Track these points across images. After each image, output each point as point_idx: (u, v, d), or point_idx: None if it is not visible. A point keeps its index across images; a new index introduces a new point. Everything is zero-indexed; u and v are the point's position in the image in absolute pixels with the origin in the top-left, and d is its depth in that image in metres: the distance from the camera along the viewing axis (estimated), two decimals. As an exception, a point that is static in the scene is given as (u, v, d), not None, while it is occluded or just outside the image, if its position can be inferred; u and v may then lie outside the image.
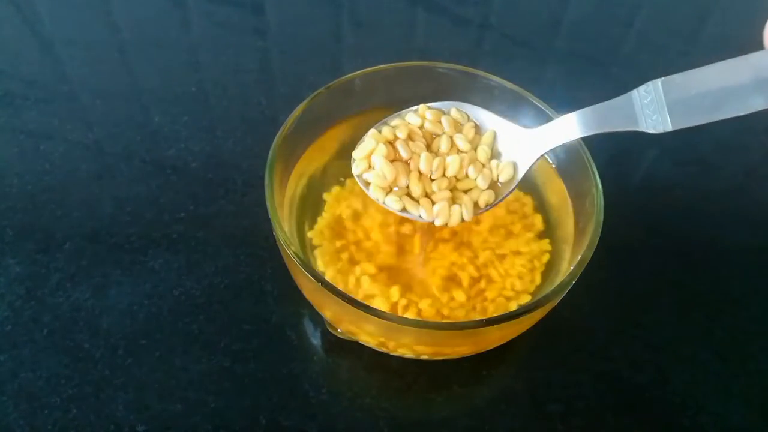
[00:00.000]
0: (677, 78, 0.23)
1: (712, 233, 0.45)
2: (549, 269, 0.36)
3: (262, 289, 0.40)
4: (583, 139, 0.35)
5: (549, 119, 0.37)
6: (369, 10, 0.62)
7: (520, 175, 0.32)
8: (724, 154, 0.50)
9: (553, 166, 0.38)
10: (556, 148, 0.32)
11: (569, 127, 0.30)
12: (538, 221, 0.38)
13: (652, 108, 0.24)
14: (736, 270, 0.43)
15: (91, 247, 0.41)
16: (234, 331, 0.38)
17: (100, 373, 0.36)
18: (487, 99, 0.39)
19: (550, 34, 0.60)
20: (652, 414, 0.37)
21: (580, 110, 0.29)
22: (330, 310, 0.33)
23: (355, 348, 0.37)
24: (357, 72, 0.37)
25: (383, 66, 0.38)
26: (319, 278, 0.30)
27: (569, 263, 0.34)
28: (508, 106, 0.39)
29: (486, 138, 0.33)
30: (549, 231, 0.37)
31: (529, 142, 0.32)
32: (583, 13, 0.63)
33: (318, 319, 0.39)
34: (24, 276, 0.40)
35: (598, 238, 0.32)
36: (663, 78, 0.23)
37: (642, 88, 0.25)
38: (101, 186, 0.45)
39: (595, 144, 0.35)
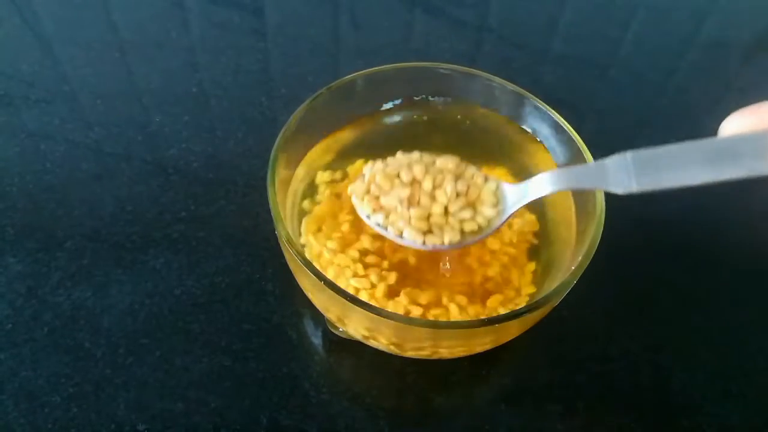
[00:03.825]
0: (647, 152, 0.26)
1: (711, 234, 0.45)
2: (549, 269, 0.36)
3: (262, 289, 0.40)
4: (582, 139, 0.35)
5: (550, 120, 0.37)
6: (368, 11, 0.62)
7: (497, 224, 0.33)
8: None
9: (554, 166, 0.38)
10: (556, 147, 0.32)
11: (545, 185, 0.31)
12: (532, 219, 0.38)
13: (622, 175, 0.26)
14: (735, 270, 0.43)
15: (92, 246, 0.41)
16: (235, 331, 0.38)
17: (101, 372, 0.36)
18: (488, 100, 0.39)
19: (547, 37, 0.61)
20: (652, 414, 0.37)
21: (556, 170, 0.31)
22: (331, 308, 0.33)
23: (355, 348, 0.37)
24: (358, 72, 0.37)
25: (385, 66, 0.38)
26: (321, 277, 0.30)
27: (570, 263, 0.34)
28: (509, 107, 0.39)
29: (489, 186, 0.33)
30: (548, 230, 0.38)
31: (511, 195, 0.32)
32: (580, 15, 0.63)
33: (319, 319, 0.39)
34: (25, 275, 0.40)
35: (599, 239, 0.32)
36: (633, 151, 0.26)
37: (613, 158, 0.27)
38: (102, 186, 0.45)
39: (593, 145, 0.35)
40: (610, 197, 0.33)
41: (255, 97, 0.52)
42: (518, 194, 0.32)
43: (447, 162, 0.33)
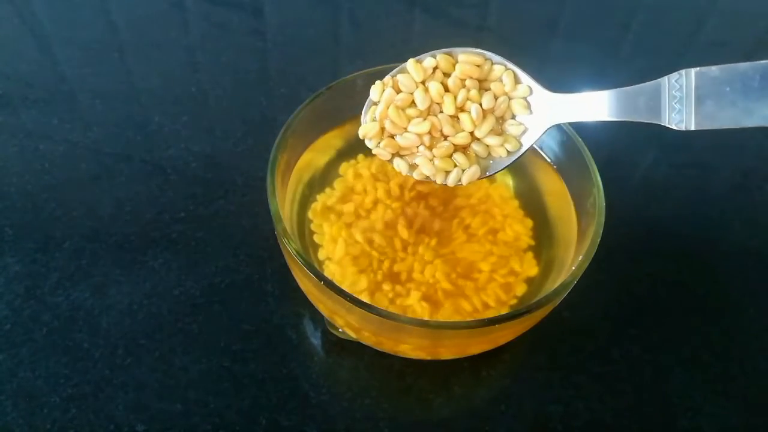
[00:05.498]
0: (713, 71, 0.20)
1: (710, 234, 0.45)
2: (550, 269, 0.36)
3: (262, 289, 0.40)
4: (583, 140, 0.35)
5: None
6: (367, 11, 0.62)
7: (527, 145, 0.31)
8: (721, 156, 0.50)
9: (554, 166, 0.38)
10: (556, 146, 0.31)
11: (592, 106, 0.27)
12: (528, 222, 0.38)
13: (679, 100, 0.22)
14: (735, 271, 0.43)
15: (91, 246, 0.41)
16: (234, 331, 0.38)
17: (100, 372, 0.36)
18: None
19: (547, 37, 0.61)
20: (651, 415, 0.37)
21: (609, 90, 0.26)
22: (330, 308, 0.33)
23: (355, 348, 0.37)
24: (358, 72, 0.37)
25: (385, 66, 0.38)
26: (320, 276, 0.30)
27: (571, 264, 0.34)
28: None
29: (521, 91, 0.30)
30: (548, 231, 0.38)
31: (544, 106, 0.29)
32: (580, 15, 0.63)
33: (318, 319, 0.39)
34: (23, 275, 0.40)
35: (599, 239, 0.32)
36: (698, 68, 0.20)
37: (674, 76, 0.22)
38: (101, 186, 0.45)
39: (593, 146, 0.35)
40: (609, 196, 0.33)
41: (254, 97, 0.52)
42: (557, 108, 0.28)
43: (469, 67, 0.30)
